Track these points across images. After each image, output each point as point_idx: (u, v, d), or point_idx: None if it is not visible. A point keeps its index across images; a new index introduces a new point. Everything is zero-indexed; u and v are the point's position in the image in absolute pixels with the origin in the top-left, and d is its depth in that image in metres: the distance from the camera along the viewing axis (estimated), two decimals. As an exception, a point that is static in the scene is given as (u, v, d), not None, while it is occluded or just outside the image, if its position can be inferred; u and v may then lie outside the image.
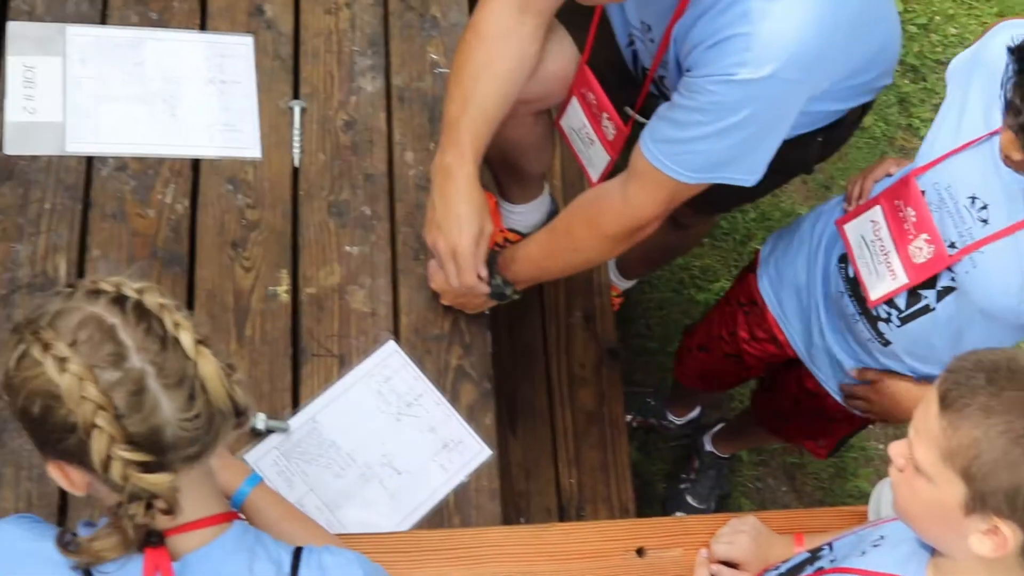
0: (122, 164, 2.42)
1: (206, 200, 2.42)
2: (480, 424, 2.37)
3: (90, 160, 2.41)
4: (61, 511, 2.16)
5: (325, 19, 2.65)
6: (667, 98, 2.22)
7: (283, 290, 2.37)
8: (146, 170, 2.42)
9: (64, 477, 1.46)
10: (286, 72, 2.58)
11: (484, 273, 2.30)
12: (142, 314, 1.41)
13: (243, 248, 2.39)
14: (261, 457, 2.24)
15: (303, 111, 2.54)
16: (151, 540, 1.46)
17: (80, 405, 1.35)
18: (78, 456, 1.40)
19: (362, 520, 2.25)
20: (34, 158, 2.39)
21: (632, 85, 2.37)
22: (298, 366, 2.32)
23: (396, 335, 2.40)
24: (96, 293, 1.42)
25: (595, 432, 3.05)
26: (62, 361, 1.36)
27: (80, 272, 2.32)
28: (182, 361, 1.41)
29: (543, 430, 3.01)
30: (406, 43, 2.66)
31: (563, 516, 2.88)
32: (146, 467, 1.39)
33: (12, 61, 2.45)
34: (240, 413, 1.48)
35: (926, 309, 2.16)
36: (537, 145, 2.66)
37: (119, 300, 1.41)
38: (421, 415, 2.35)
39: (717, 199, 2.28)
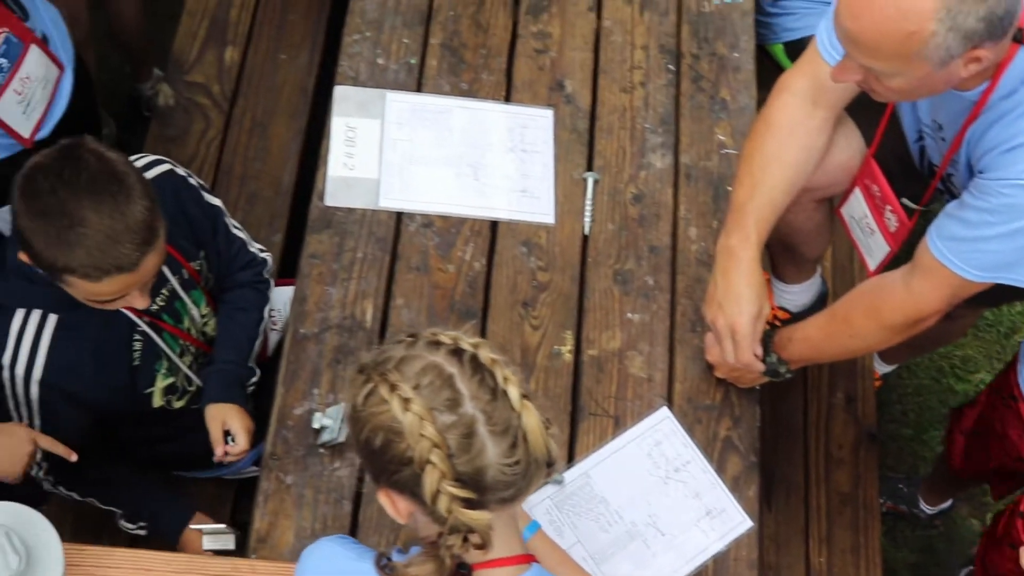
0: (428, 221, 2.61)
1: (501, 260, 2.59)
2: (743, 495, 2.44)
3: (400, 215, 2.62)
4: (351, 533, 2.34)
5: (621, 97, 2.80)
6: (953, 195, 2.27)
7: (567, 350, 2.51)
8: (449, 228, 2.61)
9: (391, 504, 1.61)
10: (582, 145, 2.74)
11: (759, 351, 2.39)
12: (477, 366, 1.56)
13: (532, 307, 2.54)
14: (535, 505, 2.37)
15: (596, 182, 2.69)
16: (460, 572, 1.61)
17: (419, 442, 1.51)
18: (410, 487, 1.55)
19: (625, 575, 2.36)
20: (350, 210, 2.61)
21: (917, 179, 2.43)
22: (576, 423, 2.46)
23: (669, 402, 2.50)
24: (437, 344, 1.58)
25: (848, 513, 3.07)
26: (406, 401, 1.52)
27: (384, 318, 2.51)
28: (508, 412, 1.55)
29: (797, 506, 3.06)
30: (696, 123, 2.79)
31: (811, 594, 2.92)
32: (468, 504, 1.53)
33: (337, 121, 2.69)
34: (551, 464, 1.61)
35: None
36: (816, 231, 2.73)
37: (457, 352, 1.57)
38: (687, 480, 2.45)
39: (993, 295, 2.30)
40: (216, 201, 2.51)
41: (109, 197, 1.98)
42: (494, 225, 2.64)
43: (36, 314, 2.19)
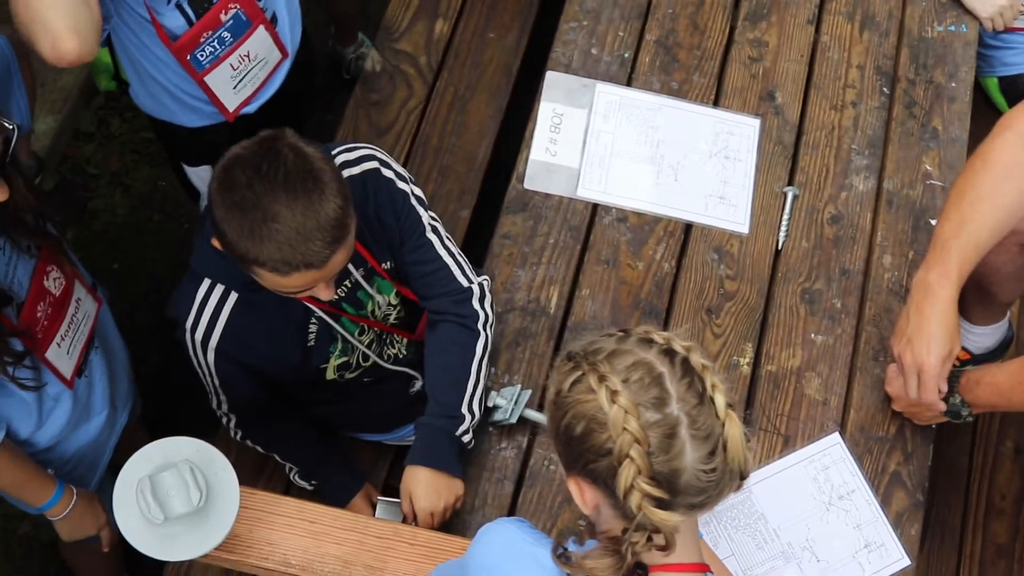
0: (623, 216, 2.62)
1: (691, 263, 2.59)
2: (905, 532, 2.40)
3: (595, 207, 2.63)
4: (509, 514, 2.37)
5: (830, 114, 2.76)
6: None
7: (745, 362, 2.50)
8: (643, 225, 2.61)
9: (579, 493, 1.63)
10: (785, 158, 2.72)
11: (944, 389, 2.34)
12: (687, 369, 1.56)
13: (716, 315, 2.53)
14: (695, 512, 2.37)
15: (795, 198, 2.66)
16: (638, 572, 1.61)
17: (621, 435, 1.52)
18: (603, 479, 1.56)
19: (774, 596, 2.34)
20: (547, 196, 2.63)
21: None
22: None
23: (842, 428, 2.47)
24: (649, 342, 1.59)
25: (1002, 566, 2.99)
26: (614, 394, 1.53)
27: (568, 306, 2.53)
28: (712, 419, 1.55)
29: (950, 551, 2.98)
30: (903, 150, 2.74)
31: (956, 642, 2.86)
32: (659, 504, 1.53)
33: (545, 107, 2.71)
34: (743, 477, 1.60)
35: None
36: (1015, 275, 2.66)
37: (668, 352, 1.58)
38: (850, 510, 2.41)
39: None
40: (425, 217, 2.37)
41: (304, 194, 1.99)
42: (688, 228, 2.63)
43: (220, 288, 2.24)
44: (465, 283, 2.40)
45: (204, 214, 2.22)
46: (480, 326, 2.40)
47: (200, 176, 2.84)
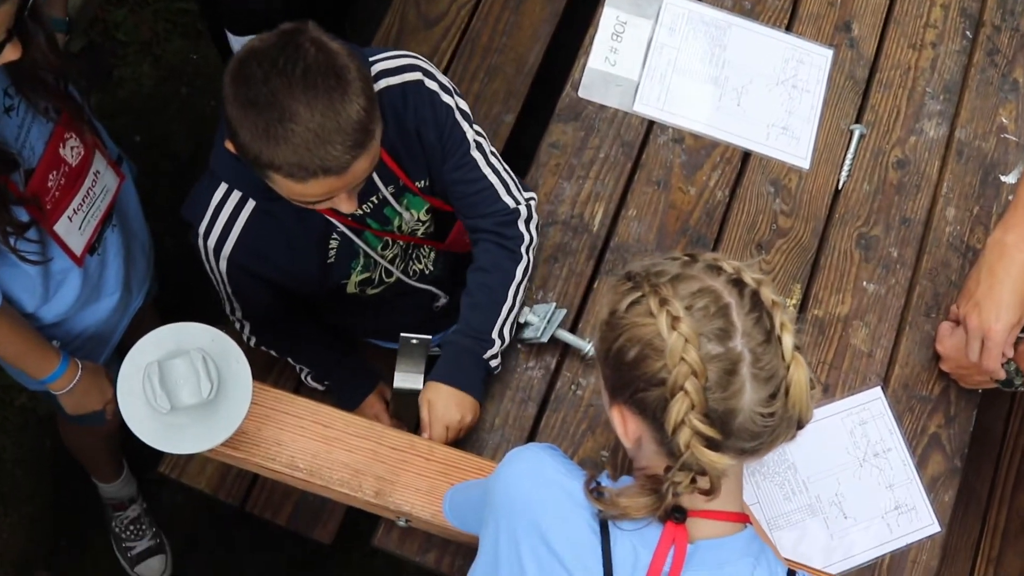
0: (679, 136, 2.47)
1: (745, 194, 2.45)
2: (939, 498, 2.29)
3: (651, 124, 2.48)
4: (530, 438, 2.26)
5: (908, 53, 2.60)
6: None
7: (792, 303, 2.37)
8: (699, 148, 2.47)
9: (622, 423, 1.51)
10: (855, 94, 2.56)
11: (1009, 355, 2.22)
12: (756, 303, 1.44)
13: (767, 251, 2.40)
14: (722, 457, 2.26)
15: (862, 137, 2.51)
16: (675, 515, 1.50)
17: (677, 365, 1.39)
18: (650, 410, 1.44)
19: (795, 549, 2.23)
20: (602, 107, 2.48)
21: None
22: (783, 381, 2.32)
23: (884, 383, 2.35)
24: (718, 270, 1.47)
25: (1026, 541, 2.90)
26: (675, 320, 1.41)
27: (613, 225, 2.40)
28: (777, 360, 1.43)
29: (973, 518, 2.88)
30: (980, 99, 2.58)
31: (969, 612, 2.77)
32: (709, 443, 1.42)
33: (608, 12, 2.55)
34: (800, 427, 1.49)
35: None
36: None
37: (738, 283, 1.45)
38: (884, 468, 2.30)
39: None
40: (470, 133, 2.22)
41: (324, 93, 1.82)
42: (746, 156, 2.48)
43: (237, 194, 2.10)
44: (511, 203, 2.26)
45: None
46: (523, 249, 2.26)
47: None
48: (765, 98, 2.52)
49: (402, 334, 2.22)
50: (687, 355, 1.39)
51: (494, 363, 2.23)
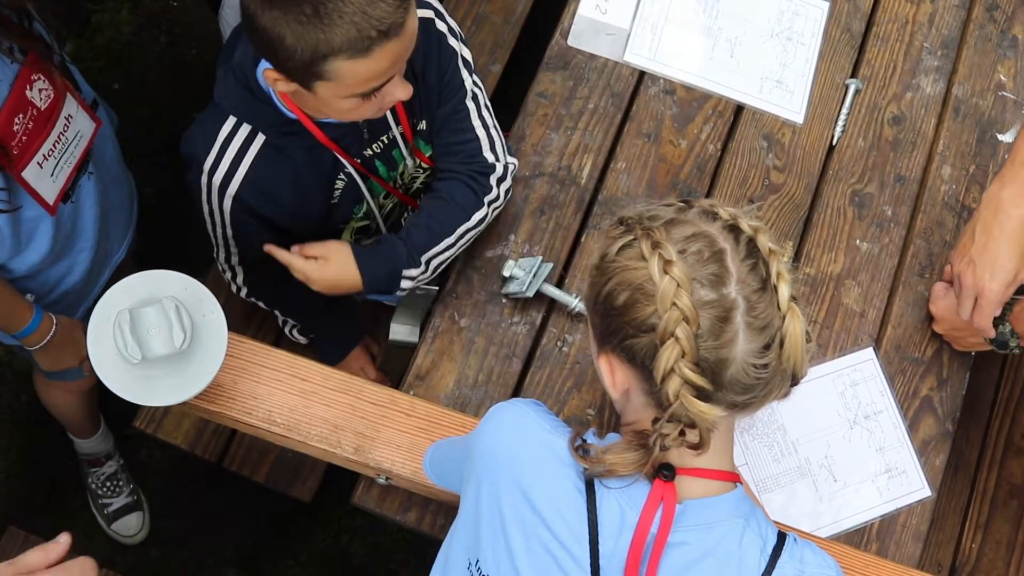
0: (671, 88, 2.41)
1: (738, 148, 2.38)
2: (930, 462, 2.25)
3: (642, 75, 2.42)
4: (513, 394, 2.20)
5: (905, 7, 2.54)
6: None
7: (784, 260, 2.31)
8: (691, 101, 2.40)
9: (610, 373, 1.45)
10: (851, 48, 2.50)
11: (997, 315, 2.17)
12: (752, 251, 1.38)
13: (759, 207, 2.34)
14: (710, 416, 2.21)
15: (857, 92, 2.45)
16: (664, 473, 1.45)
17: (668, 311, 1.34)
18: (639, 358, 1.39)
19: (784, 511, 2.19)
20: (592, 56, 2.41)
21: None
22: (773, 340, 2.27)
23: (876, 343, 2.30)
24: (713, 216, 1.41)
25: (1014, 507, 2.86)
26: (667, 263, 1.35)
27: (601, 178, 2.33)
28: (773, 310, 1.37)
29: (962, 485, 2.85)
30: (978, 55, 2.52)
31: (952, 577, 2.74)
32: (699, 393, 1.36)
33: (599, -42, 2.48)
34: (795, 383, 1.43)
35: None
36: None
37: (733, 229, 1.40)
38: (875, 431, 2.26)
39: None
40: (468, 81, 2.17)
41: None
42: (739, 109, 2.42)
43: (246, 128, 2.03)
44: (491, 159, 2.20)
45: (230, 43, 2.00)
46: (487, 200, 2.19)
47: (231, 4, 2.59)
48: (759, 50, 2.45)
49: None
50: (679, 300, 1.33)
51: (404, 284, 2.16)
